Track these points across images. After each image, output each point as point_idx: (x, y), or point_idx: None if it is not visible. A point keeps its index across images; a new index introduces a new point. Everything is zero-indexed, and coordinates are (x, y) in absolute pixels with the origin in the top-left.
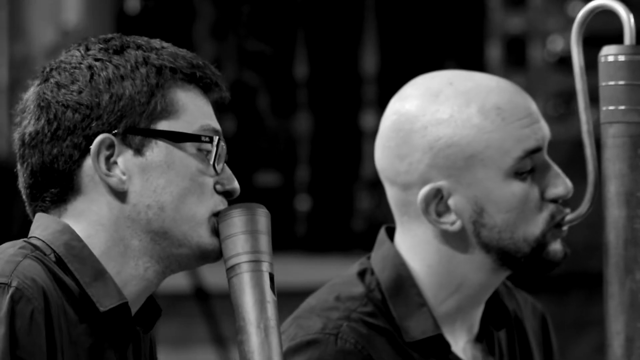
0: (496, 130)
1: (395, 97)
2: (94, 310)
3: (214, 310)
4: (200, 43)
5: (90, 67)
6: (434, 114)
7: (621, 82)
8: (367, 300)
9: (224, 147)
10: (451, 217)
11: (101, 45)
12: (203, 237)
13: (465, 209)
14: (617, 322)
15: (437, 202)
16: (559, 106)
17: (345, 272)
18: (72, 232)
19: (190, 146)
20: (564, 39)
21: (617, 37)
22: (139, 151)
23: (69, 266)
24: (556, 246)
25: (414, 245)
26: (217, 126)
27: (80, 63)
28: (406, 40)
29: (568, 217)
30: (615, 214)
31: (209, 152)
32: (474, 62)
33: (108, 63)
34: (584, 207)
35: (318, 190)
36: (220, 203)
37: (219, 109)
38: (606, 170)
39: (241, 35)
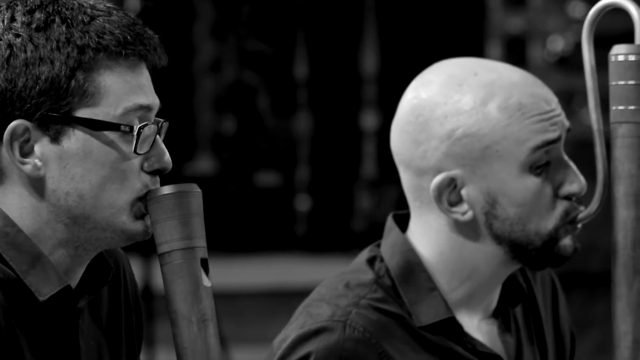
0: (515, 122)
1: (417, 81)
2: (33, 299)
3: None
4: (200, 43)
5: (9, 46)
6: (455, 104)
7: (631, 82)
8: (377, 287)
9: (152, 127)
10: (463, 207)
11: (24, 19)
12: (126, 223)
13: (478, 200)
14: (624, 323)
15: (450, 191)
16: None
17: (354, 260)
18: (6, 217)
19: (110, 134)
20: (564, 39)
21: (616, 38)
22: (55, 139)
23: (3, 256)
24: (567, 241)
25: (426, 231)
26: (147, 100)
27: (0, 39)
28: (406, 40)
29: (580, 216)
30: (624, 214)
31: (133, 135)
32: None
33: (28, 42)
34: (593, 206)
35: (318, 190)
36: (148, 183)
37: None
38: (615, 171)
39: (241, 35)
